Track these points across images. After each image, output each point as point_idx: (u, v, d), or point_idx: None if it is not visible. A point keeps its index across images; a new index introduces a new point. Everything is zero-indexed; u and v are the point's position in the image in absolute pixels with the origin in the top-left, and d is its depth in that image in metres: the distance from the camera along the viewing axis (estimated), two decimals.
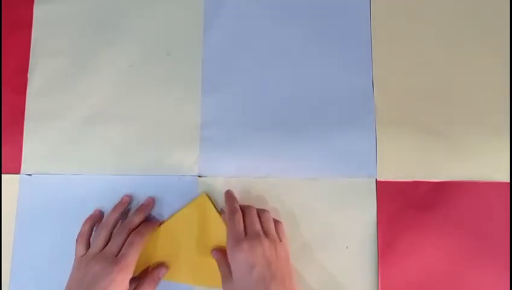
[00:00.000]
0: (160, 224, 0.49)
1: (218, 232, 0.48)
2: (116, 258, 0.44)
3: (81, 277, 0.43)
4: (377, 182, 0.49)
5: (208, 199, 0.49)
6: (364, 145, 0.50)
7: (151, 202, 0.49)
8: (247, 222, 0.45)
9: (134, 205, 0.50)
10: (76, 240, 0.47)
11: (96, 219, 0.49)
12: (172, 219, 0.49)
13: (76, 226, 0.49)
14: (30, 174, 0.51)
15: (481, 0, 0.52)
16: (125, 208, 0.49)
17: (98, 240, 0.46)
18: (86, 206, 0.50)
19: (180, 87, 0.52)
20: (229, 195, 0.48)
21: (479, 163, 0.49)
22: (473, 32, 0.52)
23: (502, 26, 0.52)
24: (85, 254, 0.46)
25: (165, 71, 0.53)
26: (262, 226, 0.45)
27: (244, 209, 0.47)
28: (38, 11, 0.55)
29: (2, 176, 0.52)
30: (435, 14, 0.52)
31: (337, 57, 0.52)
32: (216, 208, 0.49)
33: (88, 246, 0.47)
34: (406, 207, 0.49)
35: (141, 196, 0.50)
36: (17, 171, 0.52)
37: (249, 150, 0.50)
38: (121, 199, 0.50)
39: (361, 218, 0.49)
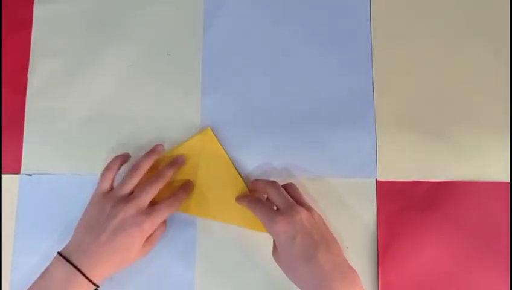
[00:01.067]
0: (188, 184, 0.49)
1: (223, 166, 0.49)
2: (149, 210, 0.44)
3: (105, 216, 0.43)
4: (377, 182, 0.49)
5: (212, 133, 0.50)
6: (364, 145, 0.50)
7: (160, 147, 0.49)
8: (275, 197, 0.44)
9: None
10: (102, 174, 0.47)
11: (126, 159, 0.49)
12: (177, 149, 0.50)
13: None
14: (30, 174, 0.51)
15: (481, 0, 0.52)
16: (158, 157, 0.49)
17: (129, 183, 0.45)
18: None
19: (180, 87, 0.52)
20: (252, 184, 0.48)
21: (479, 163, 0.49)
22: (473, 32, 0.52)
23: (502, 26, 0.52)
24: (109, 191, 0.45)
25: (165, 71, 0.53)
26: (292, 197, 0.45)
27: (267, 186, 0.45)
28: (38, 11, 0.55)
29: (2, 176, 0.52)
30: (435, 14, 0.52)
31: (337, 57, 0.52)
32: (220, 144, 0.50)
33: (112, 183, 0.46)
34: (406, 207, 0.49)
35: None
36: (17, 171, 0.52)
37: (248, 150, 0.50)
38: (155, 147, 0.49)
39: (361, 218, 0.49)
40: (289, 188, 0.46)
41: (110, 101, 0.52)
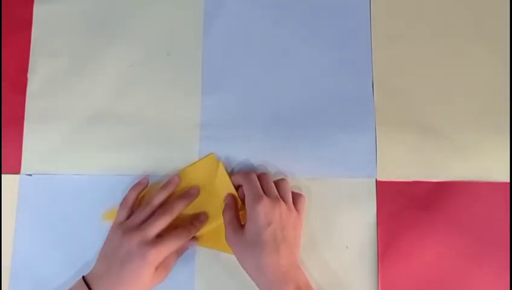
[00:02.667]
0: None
1: (226, 191, 0.48)
2: (155, 241, 0.44)
3: (115, 245, 0.44)
4: (377, 182, 0.49)
5: (215, 159, 0.50)
6: (364, 145, 0.50)
7: (176, 180, 0.49)
8: (265, 186, 0.46)
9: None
10: (120, 205, 0.47)
11: (143, 186, 0.49)
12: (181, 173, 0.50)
13: (76, 226, 0.50)
14: (30, 174, 0.51)
15: (481, 0, 0.52)
16: (174, 189, 0.49)
17: (140, 215, 0.46)
18: (86, 206, 0.50)
19: (180, 87, 0.52)
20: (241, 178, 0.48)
21: (479, 163, 0.49)
22: (473, 32, 0.52)
23: (502, 26, 0.52)
24: (124, 221, 0.46)
25: (165, 71, 0.53)
26: (279, 192, 0.46)
27: (260, 176, 0.47)
28: (38, 11, 0.55)
29: (2, 176, 0.52)
30: (435, 14, 0.52)
31: (337, 57, 0.52)
32: (226, 170, 0.49)
33: (130, 213, 0.47)
34: (406, 207, 0.49)
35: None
36: (17, 171, 0.52)
37: (248, 150, 0.50)
38: (171, 179, 0.49)
39: (361, 218, 0.49)
40: (279, 184, 0.47)
41: (110, 101, 0.52)
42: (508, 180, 0.49)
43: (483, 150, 0.50)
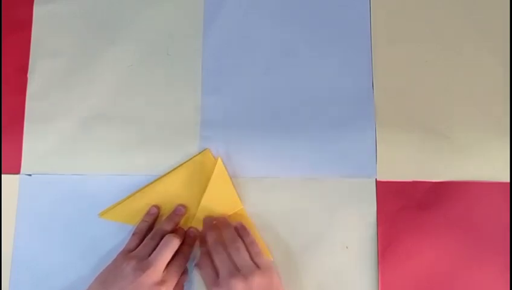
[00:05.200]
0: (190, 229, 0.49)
1: (225, 188, 0.49)
2: (164, 278, 0.43)
3: (122, 275, 0.43)
4: (377, 182, 0.49)
5: (211, 155, 0.50)
6: (364, 145, 0.50)
7: (182, 210, 0.49)
8: (217, 262, 0.44)
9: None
10: (132, 234, 0.47)
11: (155, 216, 0.49)
12: (176, 170, 0.50)
13: (77, 226, 0.50)
14: (30, 174, 0.51)
15: (481, 0, 0.52)
16: (180, 219, 0.49)
17: (148, 246, 0.45)
18: (86, 206, 0.50)
19: (180, 87, 0.52)
20: (204, 223, 0.49)
21: (479, 163, 0.49)
22: (473, 32, 0.52)
23: (502, 26, 0.52)
24: (133, 250, 0.45)
25: (165, 71, 0.53)
26: (234, 261, 0.44)
27: (212, 250, 0.45)
28: (38, 11, 0.55)
29: (2, 176, 0.52)
30: (435, 15, 0.52)
31: (337, 57, 0.52)
32: (225, 166, 0.50)
33: (139, 244, 0.46)
34: (406, 207, 0.49)
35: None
36: (17, 171, 0.52)
37: (248, 150, 0.50)
38: (176, 209, 0.49)
39: (361, 218, 0.49)
40: (231, 249, 0.44)
41: (110, 101, 0.52)
42: (508, 180, 0.49)
43: (483, 150, 0.50)
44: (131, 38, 0.53)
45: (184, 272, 0.47)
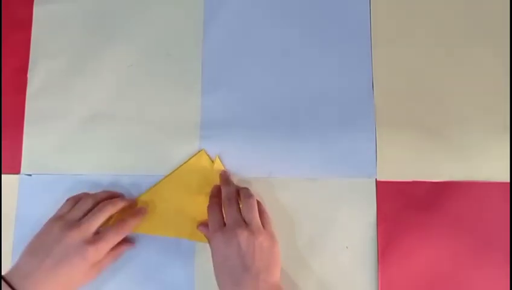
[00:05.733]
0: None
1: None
2: (94, 238, 0.43)
3: (51, 240, 0.43)
4: (377, 182, 0.49)
5: (207, 155, 0.50)
6: (364, 145, 0.50)
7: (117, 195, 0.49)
8: (226, 211, 0.45)
9: None
10: (67, 199, 0.47)
11: (100, 200, 0.48)
12: (173, 175, 0.50)
13: None
14: (30, 174, 0.51)
15: (481, 0, 0.52)
16: (126, 205, 0.48)
17: (81, 209, 0.45)
18: None
19: (180, 87, 0.52)
20: (221, 178, 0.49)
21: (479, 163, 0.49)
22: (473, 32, 0.52)
23: (502, 26, 0.52)
24: (64, 215, 0.45)
25: (165, 71, 0.53)
26: (244, 215, 0.44)
27: (224, 200, 0.46)
28: (38, 11, 0.55)
29: (2, 176, 0.52)
30: (435, 14, 0.52)
31: (337, 56, 0.52)
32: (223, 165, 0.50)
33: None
34: (406, 207, 0.49)
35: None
36: (17, 171, 0.52)
37: (248, 150, 0.50)
38: (122, 199, 0.48)
39: (361, 218, 0.49)
40: (245, 205, 0.45)
41: (110, 101, 0.52)
42: (508, 180, 0.49)
43: (483, 150, 0.50)
44: (131, 38, 0.53)
45: (126, 242, 0.47)
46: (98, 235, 0.44)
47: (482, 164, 0.49)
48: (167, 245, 0.49)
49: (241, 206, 0.45)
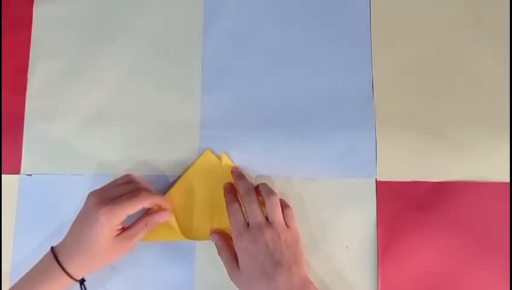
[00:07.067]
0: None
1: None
2: (108, 202, 0.43)
3: (81, 212, 0.45)
4: (377, 182, 0.49)
5: (212, 154, 0.50)
6: (364, 145, 0.50)
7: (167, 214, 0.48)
8: (248, 212, 0.45)
9: None
10: (113, 180, 0.47)
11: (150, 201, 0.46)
12: (182, 179, 0.50)
13: None
14: (30, 174, 0.51)
15: (481, 0, 0.52)
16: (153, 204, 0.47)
17: (118, 190, 0.45)
18: None
19: (180, 87, 0.52)
20: (234, 175, 0.49)
21: (479, 163, 0.49)
22: (473, 32, 0.52)
23: (502, 27, 0.52)
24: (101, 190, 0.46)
25: (165, 71, 0.53)
26: (267, 213, 0.44)
27: (244, 197, 0.46)
28: (38, 11, 0.55)
29: (2, 176, 0.52)
30: (435, 14, 0.52)
31: (337, 57, 0.52)
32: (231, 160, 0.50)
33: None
34: (406, 207, 0.49)
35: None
36: (17, 171, 0.52)
37: (248, 150, 0.50)
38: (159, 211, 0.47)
39: (361, 218, 0.49)
40: (268, 202, 0.45)
41: (110, 101, 0.52)
42: (508, 180, 0.49)
43: (483, 150, 0.50)
44: (131, 38, 0.53)
45: (142, 225, 0.45)
46: (113, 200, 0.43)
47: (482, 164, 0.49)
48: (167, 245, 0.49)
49: (264, 203, 0.45)
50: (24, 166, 0.52)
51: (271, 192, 0.45)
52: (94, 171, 0.51)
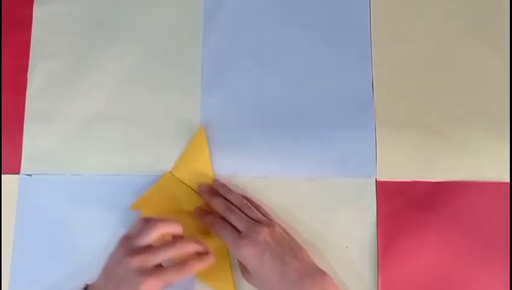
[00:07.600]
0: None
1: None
2: (154, 271, 0.40)
3: (116, 264, 0.42)
4: (377, 182, 0.49)
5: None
6: (364, 145, 0.50)
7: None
8: (234, 221, 0.45)
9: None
10: (140, 220, 0.45)
11: (172, 230, 0.45)
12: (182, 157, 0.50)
13: (77, 226, 0.50)
14: (30, 174, 0.51)
15: (481, 0, 0.52)
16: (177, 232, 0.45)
17: (147, 236, 0.42)
18: (86, 207, 0.50)
19: (180, 87, 0.52)
20: (203, 193, 0.49)
21: (479, 163, 0.49)
22: (473, 32, 0.52)
23: (502, 26, 0.52)
24: (132, 238, 0.42)
25: (165, 71, 0.53)
26: (250, 216, 0.45)
27: (225, 212, 0.46)
28: (38, 11, 0.55)
29: (2, 176, 0.52)
30: (435, 14, 0.52)
31: (337, 56, 0.52)
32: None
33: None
34: (406, 207, 0.49)
35: (141, 196, 0.50)
36: (17, 171, 0.52)
37: (248, 150, 0.50)
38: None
39: (361, 218, 0.49)
40: (243, 209, 0.46)
41: (110, 101, 0.52)
42: (508, 180, 0.49)
43: (483, 150, 0.50)
44: (131, 39, 0.53)
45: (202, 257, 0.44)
46: (157, 269, 0.41)
47: (482, 164, 0.49)
48: None
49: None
50: (24, 166, 0.52)
51: (241, 200, 0.47)
52: (94, 171, 0.51)
